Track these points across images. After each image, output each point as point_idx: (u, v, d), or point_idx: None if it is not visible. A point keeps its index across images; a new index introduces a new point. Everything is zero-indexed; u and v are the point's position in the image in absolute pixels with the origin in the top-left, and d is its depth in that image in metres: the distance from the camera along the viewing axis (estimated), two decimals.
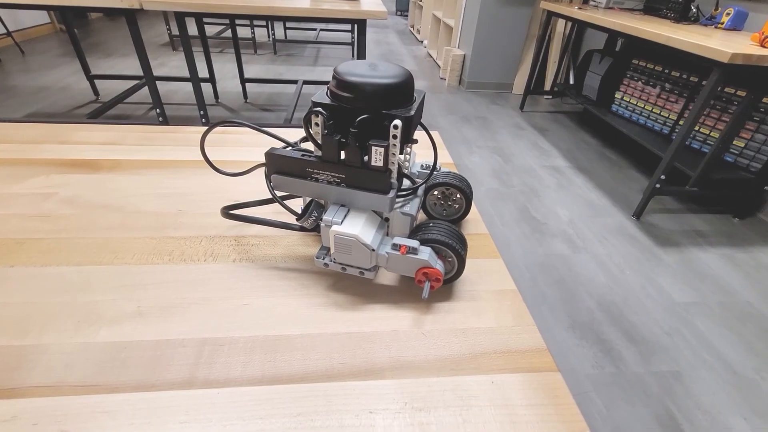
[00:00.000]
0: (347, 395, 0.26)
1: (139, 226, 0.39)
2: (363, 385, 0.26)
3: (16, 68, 3.22)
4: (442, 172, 0.41)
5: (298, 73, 3.50)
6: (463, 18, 3.24)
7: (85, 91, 2.81)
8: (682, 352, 1.18)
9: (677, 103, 1.95)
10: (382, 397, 0.26)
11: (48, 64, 3.34)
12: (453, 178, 0.40)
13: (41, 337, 0.28)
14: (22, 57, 3.50)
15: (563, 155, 2.32)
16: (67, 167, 0.47)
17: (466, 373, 0.27)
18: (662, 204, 1.89)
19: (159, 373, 0.26)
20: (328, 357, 0.28)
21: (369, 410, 0.25)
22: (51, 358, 0.27)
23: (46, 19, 4.27)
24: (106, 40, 4.18)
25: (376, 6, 1.78)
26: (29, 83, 2.93)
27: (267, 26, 4.40)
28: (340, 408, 0.25)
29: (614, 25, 1.85)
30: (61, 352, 0.27)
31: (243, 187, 0.46)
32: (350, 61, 0.32)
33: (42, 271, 0.33)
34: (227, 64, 3.60)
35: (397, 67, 0.31)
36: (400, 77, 0.29)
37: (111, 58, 3.60)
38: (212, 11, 1.63)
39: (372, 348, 0.29)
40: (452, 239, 0.32)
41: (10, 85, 2.87)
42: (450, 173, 0.40)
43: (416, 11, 5.24)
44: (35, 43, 3.90)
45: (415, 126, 0.31)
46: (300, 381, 0.26)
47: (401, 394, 0.26)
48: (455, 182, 0.39)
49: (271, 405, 0.25)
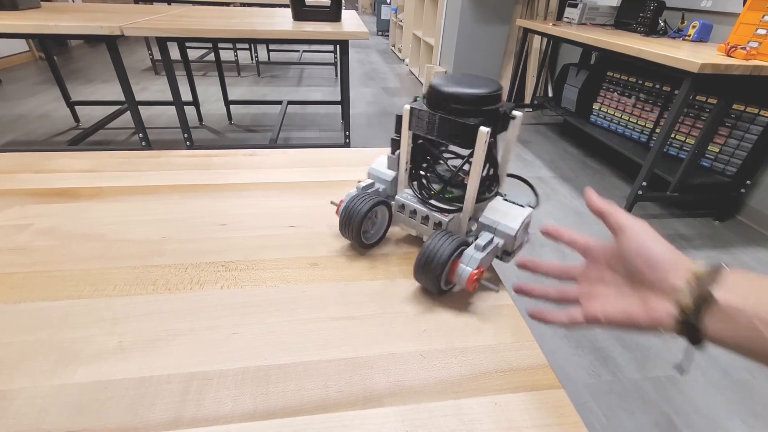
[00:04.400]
0: (345, 426, 0.24)
1: (121, 255, 0.37)
2: (362, 415, 0.25)
3: None
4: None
5: (283, 94, 3.52)
6: (442, 36, 3.33)
7: (65, 118, 2.76)
8: (675, 356, 1.18)
9: (652, 112, 2.02)
10: (383, 425, 0.24)
11: (26, 92, 3.29)
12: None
13: (13, 380, 0.26)
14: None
15: (547, 166, 2.37)
16: (45, 197, 0.45)
17: (467, 395, 0.26)
18: (645, 210, 1.93)
19: (142, 413, 0.24)
20: (324, 386, 0.27)
21: None
22: (24, 403, 0.25)
23: (25, 47, 4.23)
24: (87, 66, 4.15)
25: (357, 27, 1.81)
26: (5, 112, 2.87)
27: (250, 49, 4.44)
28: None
29: (588, 40, 1.92)
30: (35, 396, 0.25)
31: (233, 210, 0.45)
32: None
33: (14, 308, 0.31)
34: (211, 87, 3.60)
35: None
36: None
37: (92, 84, 3.56)
38: (194, 35, 1.64)
39: (370, 373, 0.28)
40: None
41: None
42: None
43: (397, 31, 5.37)
44: (13, 71, 3.85)
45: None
46: (295, 414, 0.25)
47: (402, 422, 0.25)
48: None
49: None
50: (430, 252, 0.32)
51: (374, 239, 0.41)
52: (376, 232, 0.41)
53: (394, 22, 5.41)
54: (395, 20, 5.35)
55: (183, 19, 1.82)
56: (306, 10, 1.93)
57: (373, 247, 0.41)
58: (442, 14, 3.26)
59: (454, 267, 0.33)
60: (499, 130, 0.35)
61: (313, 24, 1.87)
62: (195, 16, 1.91)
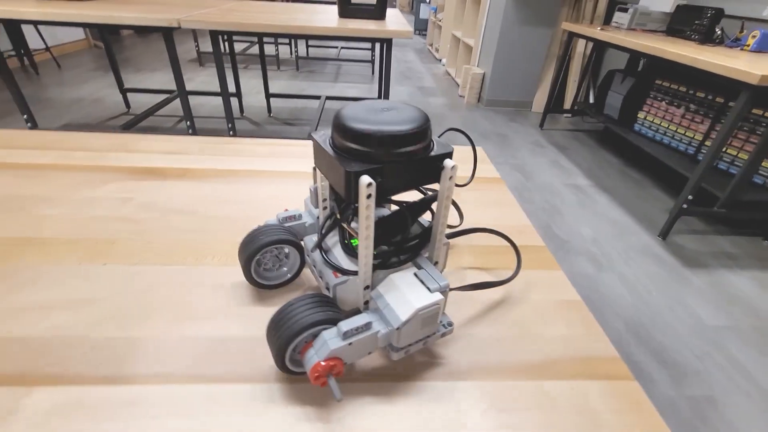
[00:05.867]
0: (435, 389, 0.27)
1: (214, 230, 0.41)
2: (449, 385, 0.27)
3: (52, 81, 3.38)
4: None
5: (319, 89, 3.59)
6: (483, 38, 3.30)
7: (117, 103, 2.93)
8: (714, 377, 1.14)
9: (702, 124, 1.94)
10: (466, 397, 0.27)
11: (82, 78, 3.50)
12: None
13: (141, 330, 0.30)
14: (58, 70, 3.67)
15: (584, 173, 2.32)
16: (138, 174, 0.50)
17: (543, 378, 0.28)
18: (688, 225, 1.86)
19: (253, 362, 0.28)
20: (415, 356, 0.29)
21: (457, 409, 0.26)
22: (151, 350, 0.28)
23: (82, 35, 4.48)
24: (137, 55, 4.36)
25: (401, 26, 1.83)
26: (65, 95, 3.07)
27: (290, 44, 4.54)
28: (432, 400, 0.26)
29: (638, 46, 1.86)
30: (159, 344, 0.29)
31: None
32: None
33: (133, 270, 0.35)
34: (251, 80, 3.71)
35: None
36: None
37: (141, 73, 3.74)
38: (247, 30, 1.70)
39: (455, 348, 0.30)
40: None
41: (47, 97, 3.01)
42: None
43: (435, 31, 5.36)
44: (70, 58, 4.10)
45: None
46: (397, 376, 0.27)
47: (482, 395, 0.27)
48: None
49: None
50: (283, 317, 0.26)
51: (281, 279, 0.35)
52: (282, 273, 0.35)
53: (433, 21, 5.40)
54: (434, 20, 5.34)
55: (234, 13, 1.89)
56: (352, 8, 1.97)
57: (274, 288, 0.35)
58: (484, 15, 3.23)
59: (307, 347, 0.26)
60: (409, 182, 0.26)
61: (358, 21, 1.90)
62: (244, 11, 1.98)
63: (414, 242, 0.29)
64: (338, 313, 0.26)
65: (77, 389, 0.26)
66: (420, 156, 0.25)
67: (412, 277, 0.27)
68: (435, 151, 0.26)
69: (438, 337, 0.29)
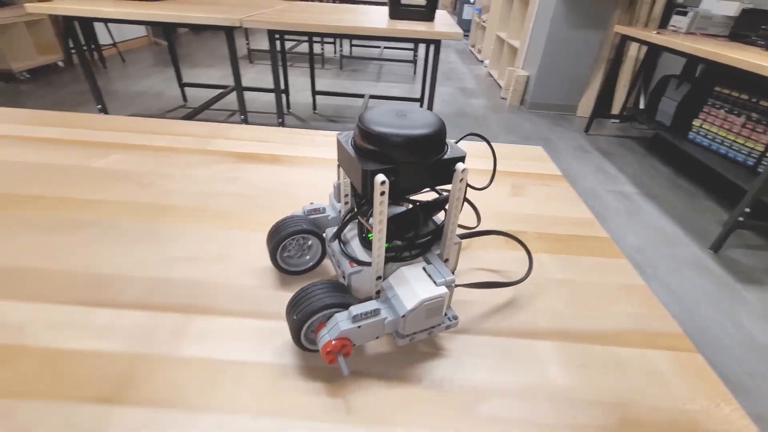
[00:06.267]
0: (517, 347, 0.31)
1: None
2: (528, 343, 0.32)
3: (118, 75, 3.66)
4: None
5: (362, 88, 3.67)
6: (529, 39, 3.27)
7: (175, 97, 3.13)
8: (766, 395, 1.11)
9: (765, 134, 1.85)
10: (545, 354, 0.31)
11: (144, 72, 3.76)
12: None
13: (252, 278, 0.36)
14: (123, 65, 3.96)
15: (631, 180, 2.26)
16: (238, 157, 0.57)
17: (613, 345, 0.32)
18: (743, 239, 1.78)
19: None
20: (501, 318, 0.34)
21: (539, 362, 0.30)
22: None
23: (144, 32, 4.80)
24: (191, 52, 4.63)
25: (450, 27, 1.86)
26: (129, 88, 3.32)
27: (334, 43, 4.66)
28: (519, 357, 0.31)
29: (698, 52, 1.80)
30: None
31: None
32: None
33: (248, 236, 0.42)
34: (297, 78, 3.85)
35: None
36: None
37: (196, 68, 3.98)
38: (304, 30, 1.79)
39: (534, 314, 0.34)
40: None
41: (114, 89, 3.27)
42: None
43: (478, 32, 5.32)
44: (133, 53, 4.41)
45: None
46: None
47: (558, 353, 0.31)
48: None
49: None
50: (301, 297, 0.28)
51: (304, 267, 0.37)
52: (305, 261, 0.37)
53: (477, 22, 5.37)
54: (478, 21, 5.30)
55: (288, 13, 1.98)
56: (402, 9, 2.02)
57: (297, 274, 0.38)
58: (531, 17, 3.19)
59: (320, 326, 0.28)
60: (423, 182, 0.28)
61: (408, 23, 1.95)
62: (297, 11, 2.08)
63: (425, 239, 0.31)
64: (351, 299, 0.29)
65: (226, 319, 0.32)
66: (433, 159, 0.27)
67: (420, 271, 0.30)
68: (448, 154, 0.28)
69: (442, 329, 0.31)
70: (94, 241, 0.40)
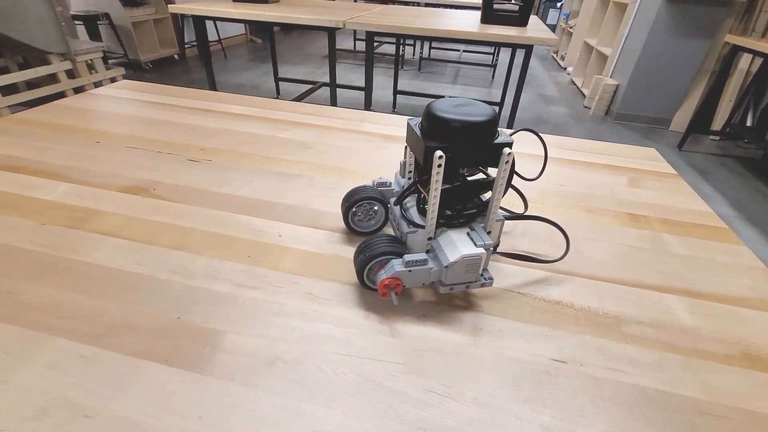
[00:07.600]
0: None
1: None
2: (659, 296, 0.38)
3: (220, 68, 4.09)
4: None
5: (439, 90, 3.75)
6: (622, 47, 3.12)
7: (269, 90, 3.45)
8: None
9: None
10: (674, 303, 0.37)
11: (243, 66, 4.17)
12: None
13: None
14: (224, 59, 4.41)
15: (730, 203, 2.09)
16: (380, 137, 0.69)
17: (739, 306, 0.37)
18: None
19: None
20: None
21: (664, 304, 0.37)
22: None
23: (242, 30, 5.30)
24: (281, 50, 5.02)
25: (543, 33, 1.86)
26: (231, 81, 3.70)
27: (414, 45, 4.78)
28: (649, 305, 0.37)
29: None
30: None
31: None
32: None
33: None
34: (377, 77, 4.03)
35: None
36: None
37: (285, 65, 4.32)
38: (401, 32, 1.91)
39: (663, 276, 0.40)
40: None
41: (218, 81, 3.67)
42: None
43: (563, 37, 5.15)
44: (233, 49, 4.88)
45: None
46: None
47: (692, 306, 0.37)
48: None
49: None
50: (367, 245, 0.35)
51: (368, 229, 0.45)
52: (370, 225, 0.45)
53: (563, 28, 5.19)
54: (564, 26, 5.13)
55: (386, 16, 2.11)
56: (495, 14, 2.06)
57: (365, 235, 0.45)
58: (627, 23, 3.05)
59: (379, 268, 0.35)
60: (474, 161, 0.33)
61: (500, 27, 1.98)
62: (393, 14, 2.20)
63: (471, 211, 0.36)
64: (405, 250, 0.35)
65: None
66: (484, 142, 0.32)
67: (464, 235, 0.35)
68: (498, 140, 0.33)
69: (478, 286, 0.36)
70: (304, 187, 0.54)
